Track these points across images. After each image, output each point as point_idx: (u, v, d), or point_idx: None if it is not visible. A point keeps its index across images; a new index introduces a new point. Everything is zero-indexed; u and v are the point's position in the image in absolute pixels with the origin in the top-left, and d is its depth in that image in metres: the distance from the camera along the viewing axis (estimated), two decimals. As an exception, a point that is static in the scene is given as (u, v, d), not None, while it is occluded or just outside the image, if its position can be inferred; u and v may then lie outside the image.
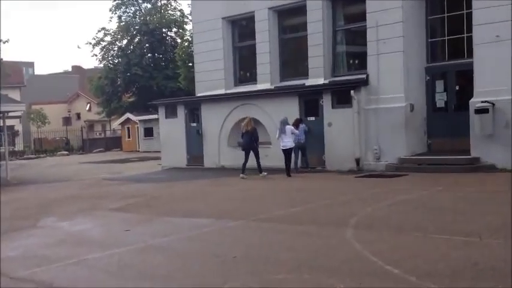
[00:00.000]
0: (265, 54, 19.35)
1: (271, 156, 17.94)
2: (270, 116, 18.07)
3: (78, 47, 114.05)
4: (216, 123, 19.67)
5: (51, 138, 49.37)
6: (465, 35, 14.92)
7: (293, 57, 20.06)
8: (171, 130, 21.23)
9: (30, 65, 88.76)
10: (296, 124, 16.29)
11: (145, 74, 40.70)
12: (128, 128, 41.01)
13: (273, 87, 18.97)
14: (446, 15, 15.50)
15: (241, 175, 15.66)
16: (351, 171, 15.65)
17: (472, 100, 13.90)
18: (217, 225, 8.77)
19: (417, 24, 15.72)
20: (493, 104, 13.43)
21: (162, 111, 21.80)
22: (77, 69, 75.80)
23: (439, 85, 15.60)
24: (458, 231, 7.13)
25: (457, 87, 15.27)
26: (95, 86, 43.39)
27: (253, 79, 20.11)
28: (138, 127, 39.21)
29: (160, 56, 43.22)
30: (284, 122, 16.05)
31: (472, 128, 13.80)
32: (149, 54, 43.07)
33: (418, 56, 15.69)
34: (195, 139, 20.42)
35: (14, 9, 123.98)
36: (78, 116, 68.06)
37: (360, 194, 11.10)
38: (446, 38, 15.52)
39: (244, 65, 21.32)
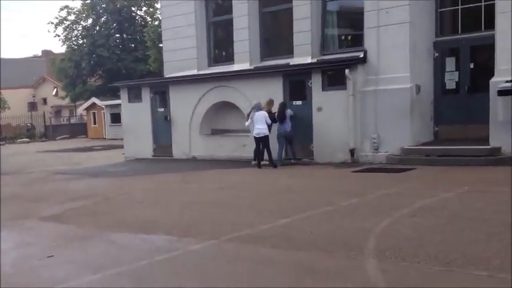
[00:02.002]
0: (243, 30, 16.65)
1: (250, 146, 15.47)
2: (249, 100, 15.49)
3: (48, 31, 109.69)
4: (187, 108, 17.04)
5: (16, 125, 46.50)
6: (483, 3, 12.52)
7: (276, 34, 17.44)
8: (135, 116, 18.51)
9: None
10: (282, 111, 13.89)
11: (112, 56, 37.68)
12: (94, 113, 38.07)
13: (252, 67, 16.38)
14: (458, -20, 13.11)
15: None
16: (344, 164, 13.25)
17: (493, 80, 11.55)
18: (177, 248, 6.23)
19: (424, -9, 13.31)
20: (520, 84, 11.13)
21: (124, 94, 19.03)
22: (46, 53, 72.01)
23: (450, 63, 13.20)
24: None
25: (472, 65, 12.88)
26: (57, 68, 40.11)
27: (229, 59, 17.44)
28: (104, 113, 36.29)
29: (129, 36, 40.13)
30: (256, 107, 13.85)
31: (492, 113, 11.47)
32: (117, 35, 39.93)
33: (425, 29, 13.26)
34: (162, 126, 17.78)
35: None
36: (45, 101, 64.68)
37: (366, 196, 8.65)
38: (459, 7, 13.06)
39: (220, 43, 18.65)
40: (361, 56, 13.50)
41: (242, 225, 7.02)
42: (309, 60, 15.04)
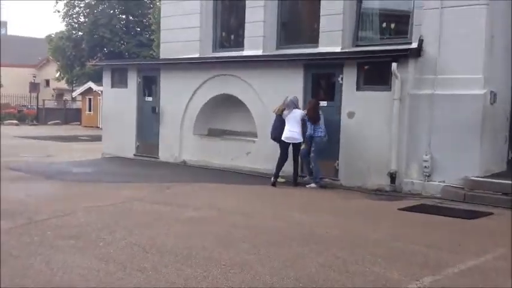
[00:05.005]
0: (258, 10, 12.99)
1: (255, 154, 12.01)
2: (258, 95, 12.04)
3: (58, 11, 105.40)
4: (180, 100, 13.53)
5: (15, 105, 43.70)
6: None
7: (298, 17, 13.84)
8: (118, 104, 14.99)
9: (2, 24, 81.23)
10: (315, 109, 10.41)
11: (114, 38, 34.20)
12: (90, 99, 34.62)
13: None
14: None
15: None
16: (381, 193, 9.71)
17: None
18: None
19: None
20: None
21: (107, 78, 15.48)
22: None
23: (539, 65, 9.65)
24: None
25: None
26: (54, 47, 36.70)
27: (239, 44, 13.85)
28: (100, 99, 32.82)
29: (135, 19, 36.57)
30: (294, 103, 10.39)
31: None
32: (123, 16, 36.41)
33: (506, 16, 9.69)
34: (149, 120, 14.27)
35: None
36: (47, 82, 61.63)
37: (443, 270, 5.04)
38: (558, -13, 9.52)
39: (229, 24, 15.04)
40: (415, 46, 9.92)
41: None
42: (338, 50, 11.50)
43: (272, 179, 10.44)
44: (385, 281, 4.67)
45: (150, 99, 14.39)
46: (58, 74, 56.71)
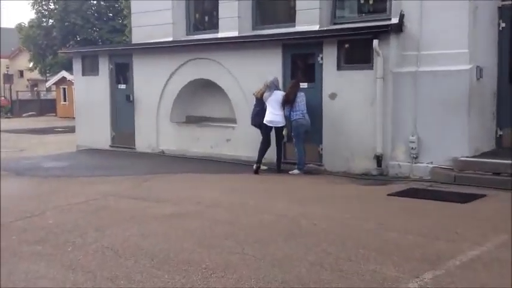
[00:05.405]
0: (232, -11, 12.51)
1: (235, 140, 11.58)
2: (235, 78, 11.56)
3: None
4: (155, 87, 12.98)
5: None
6: None
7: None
8: (90, 93, 14.40)
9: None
10: (293, 90, 9.93)
11: (86, 25, 33.16)
12: (64, 89, 33.65)
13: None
14: None
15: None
16: (367, 177, 9.34)
17: None
18: None
19: None
20: None
21: (77, 65, 14.84)
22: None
23: (525, 38, 9.28)
24: None
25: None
26: (24, 36, 35.52)
27: (214, 26, 13.28)
28: (75, 88, 31.94)
29: (106, 4, 35.48)
30: (274, 84, 10.06)
31: None
32: (94, 1, 35.30)
33: (490, -12, 9.32)
34: (123, 108, 13.70)
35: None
36: (21, 73, 60.06)
37: (441, 264, 4.68)
38: (543, -45, 9.12)
39: (203, 5, 14.45)
40: (396, 21, 9.49)
41: None
42: (316, 29, 11.03)
43: (254, 166, 10.04)
44: (382, 280, 4.28)
45: (123, 86, 13.80)
46: (31, 64, 55.34)
